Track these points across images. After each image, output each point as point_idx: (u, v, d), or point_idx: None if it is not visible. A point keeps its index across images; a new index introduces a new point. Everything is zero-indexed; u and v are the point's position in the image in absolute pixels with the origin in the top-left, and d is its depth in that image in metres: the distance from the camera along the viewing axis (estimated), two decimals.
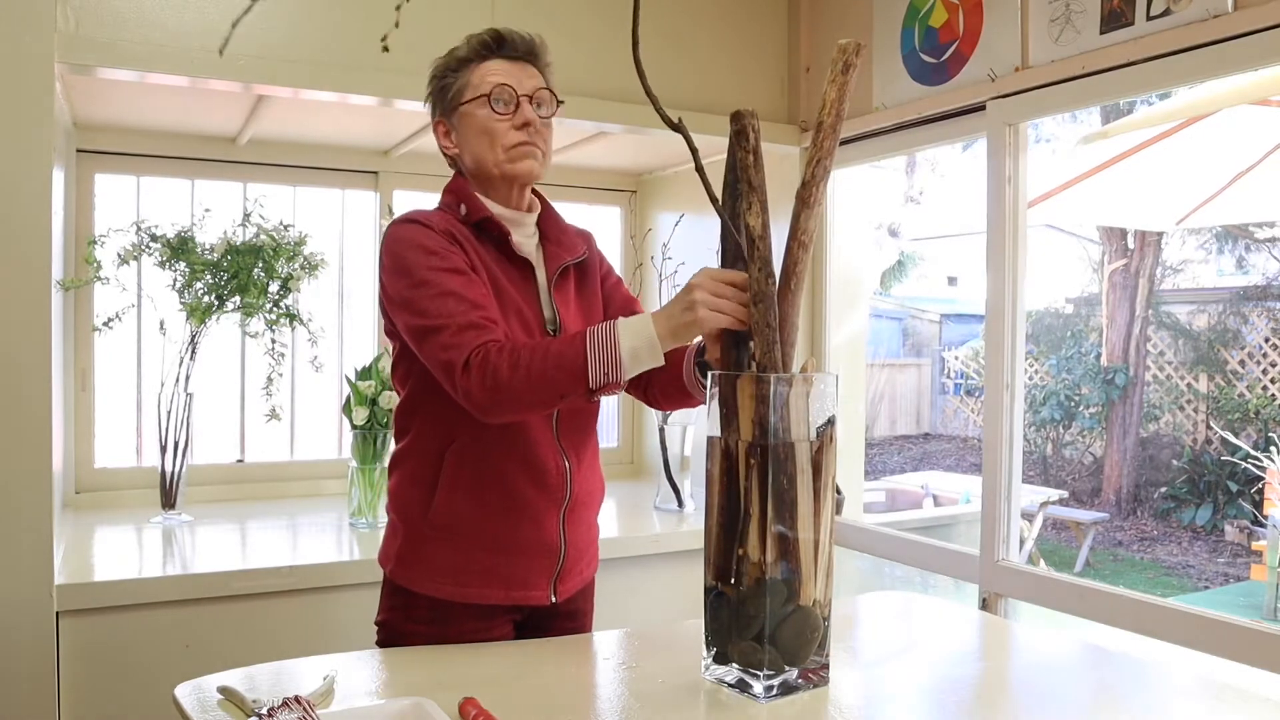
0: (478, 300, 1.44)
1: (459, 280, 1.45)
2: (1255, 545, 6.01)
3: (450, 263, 1.46)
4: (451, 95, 1.58)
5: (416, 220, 1.52)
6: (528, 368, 1.37)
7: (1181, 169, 3.91)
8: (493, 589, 1.53)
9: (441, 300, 1.43)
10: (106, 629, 1.89)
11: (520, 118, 1.55)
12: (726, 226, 1.36)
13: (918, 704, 1.32)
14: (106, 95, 2.24)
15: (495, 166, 1.56)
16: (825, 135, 1.33)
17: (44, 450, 1.83)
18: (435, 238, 1.48)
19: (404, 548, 1.56)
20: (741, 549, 1.27)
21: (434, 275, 1.45)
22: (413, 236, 1.49)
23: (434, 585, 1.53)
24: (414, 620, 1.54)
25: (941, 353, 12.96)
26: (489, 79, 1.56)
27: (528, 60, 1.61)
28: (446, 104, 1.60)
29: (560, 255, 1.64)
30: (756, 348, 1.31)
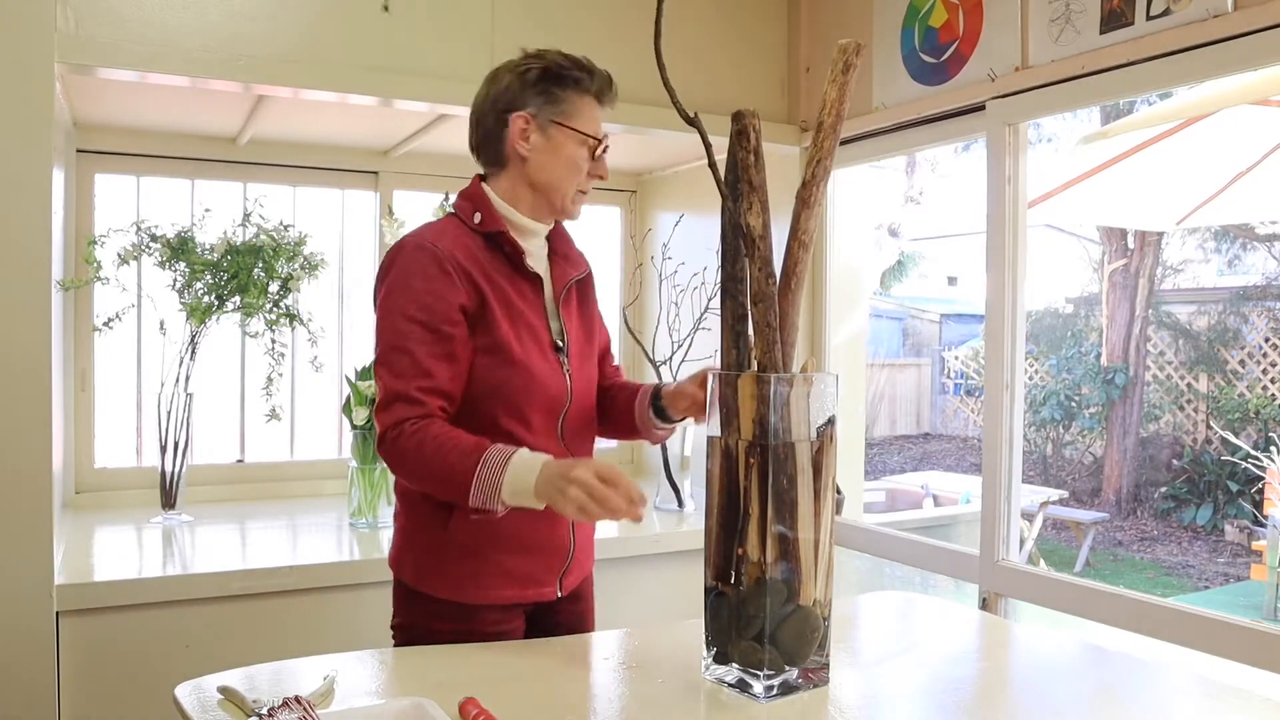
0: (429, 367, 1.47)
1: (424, 338, 1.48)
2: (1255, 545, 6.01)
3: (429, 313, 1.48)
4: (558, 109, 1.57)
5: (425, 247, 1.52)
6: (424, 466, 1.44)
7: (1181, 169, 3.91)
8: (510, 589, 1.58)
9: (392, 356, 1.48)
10: (106, 629, 1.89)
11: (602, 169, 1.62)
12: (726, 226, 1.36)
13: (918, 704, 1.32)
14: (106, 95, 2.24)
15: (560, 198, 1.60)
16: (825, 135, 1.33)
17: (44, 450, 1.83)
18: (434, 278, 1.49)
19: (423, 556, 1.58)
20: (741, 549, 1.27)
21: (406, 325, 1.48)
22: (400, 272, 1.51)
23: (456, 590, 1.56)
24: (439, 620, 1.56)
25: (941, 353, 12.96)
26: (596, 126, 1.60)
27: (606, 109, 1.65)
28: (547, 108, 1.56)
29: (568, 271, 1.67)
30: (756, 348, 1.31)
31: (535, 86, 1.56)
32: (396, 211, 2.84)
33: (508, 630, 1.59)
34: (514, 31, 2.33)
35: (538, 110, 1.56)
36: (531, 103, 1.56)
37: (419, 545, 1.59)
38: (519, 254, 1.57)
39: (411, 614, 1.60)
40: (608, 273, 3.35)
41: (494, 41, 2.31)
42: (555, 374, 1.59)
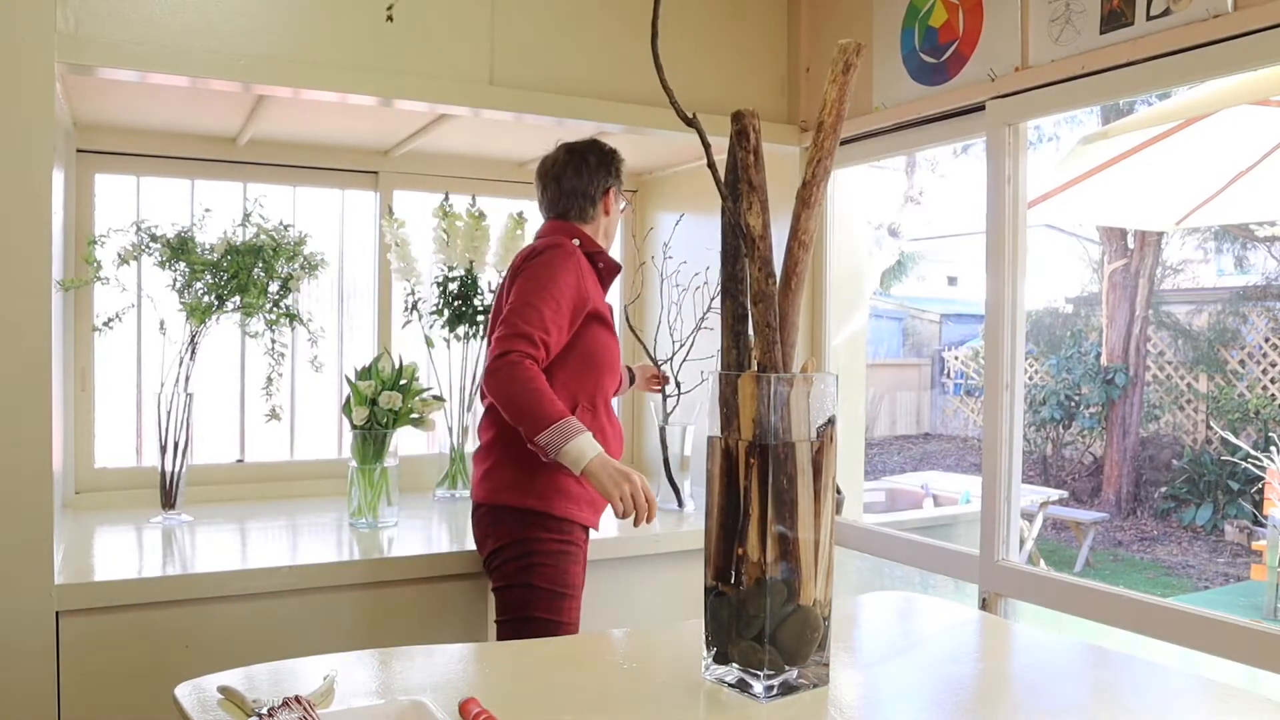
0: (549, 326, 1.98)
1: (554, 308, 1.99)
2: (1255, 545, 6.00)
3: (562, 293, 2.01)
4: (622, 185, 2.26)
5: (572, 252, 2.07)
6: (525, 394, 1.90)
7: (1181, 169, 3.91)
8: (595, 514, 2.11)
9: (529, 310, 1.97)
10: (106, 629, 1.89)
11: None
12: (726, 226, 1.36)
13: (918, 704, 1.32)
14: (106, 95, 2.24)
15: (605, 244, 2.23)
16: (826, 135, 1.33)
17: (44, 450, 1.83)
18: (566, 270, 2.02)
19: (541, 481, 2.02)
20: (741, 549, 1.27)
21: (544, 295, 1.99)
22: (552, 260, 2.03)
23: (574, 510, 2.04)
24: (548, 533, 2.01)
25: (941, 353, 12.96)
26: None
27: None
28: (620, 185, 2.24)
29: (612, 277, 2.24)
30: (757, 347, 1.31)
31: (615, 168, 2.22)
32: (396, 211, 2.84)
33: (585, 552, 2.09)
34: (514, 32, 2.33)
35: (618, 185, 2.24)
36: (615, 179, 2.23)
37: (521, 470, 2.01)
38: (613, 270, 2.18)
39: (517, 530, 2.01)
40: None
41: (494, 42, 2.31)
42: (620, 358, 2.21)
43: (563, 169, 2.19)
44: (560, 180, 2.19)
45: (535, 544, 2.00)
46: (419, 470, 2.86)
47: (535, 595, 1.98)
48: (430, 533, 2.45)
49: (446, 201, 2.77)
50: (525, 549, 2.00)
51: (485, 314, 2.78)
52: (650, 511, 1.92)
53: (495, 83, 2.31)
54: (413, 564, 2.16)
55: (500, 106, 2.29)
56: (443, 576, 2.17)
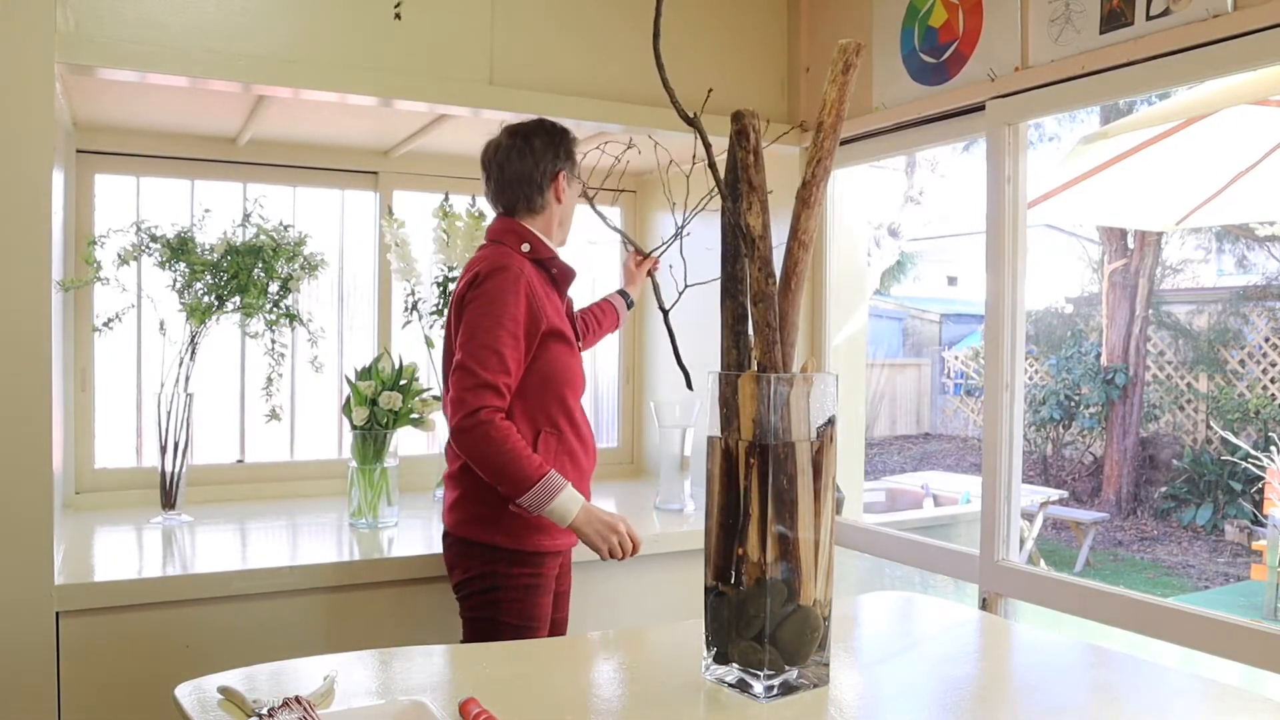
0: (510, 368, 1.87)
1: (510, 344, 1.87)
2: (1255, 545, 6.00)
3: (517, 325, 1.89)
4: (577, 169, 2.10)
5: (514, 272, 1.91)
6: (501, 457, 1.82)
7: (1181, 169, 3.91)
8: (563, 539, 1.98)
9: (487, 354, 1.86)
10: (106, 629, 1.89)
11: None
12: (726, 226, 1.36)
13: (918, 704, 1.32)
14: (106, 95, 2.24)
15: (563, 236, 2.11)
16: (825, 135, 1.33)
17: (44, 450, 1.83)
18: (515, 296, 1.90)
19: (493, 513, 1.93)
20: (742, 549, 1.27)
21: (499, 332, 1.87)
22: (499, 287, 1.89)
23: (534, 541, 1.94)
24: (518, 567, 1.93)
25: (941, 353, 12.96)
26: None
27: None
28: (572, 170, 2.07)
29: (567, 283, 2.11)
30: (757, 347, 1.31)
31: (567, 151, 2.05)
32: (396, 211, 2.84)
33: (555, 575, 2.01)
34: (513, 32, 2.33)
35: (570, 170, 2.07)
36: (567, 164, 2.05)
37: (487, 505, 1.92)
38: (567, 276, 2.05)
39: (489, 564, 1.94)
40: (608, 272, 3.35)
41: (493, 42, 2.31)
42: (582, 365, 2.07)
43: (505, 154, 2.01)
44: (504, 167, 2.01)
45: (504, 579, 1.94)
46: (419, 470, 2.86)
47: (500, 629, 1.93)
48: (430, 533, 2.45)
49: (446, 201, 2.77)
50: (492, 583, 1.94)
51: None
52: (635, 549, 1.95)
53: (495, 83, 2.31)
54: (413, 564, 2.15)
55: (500, 106, 2.29)
56: (443, 577, 2.17)
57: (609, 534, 1.89)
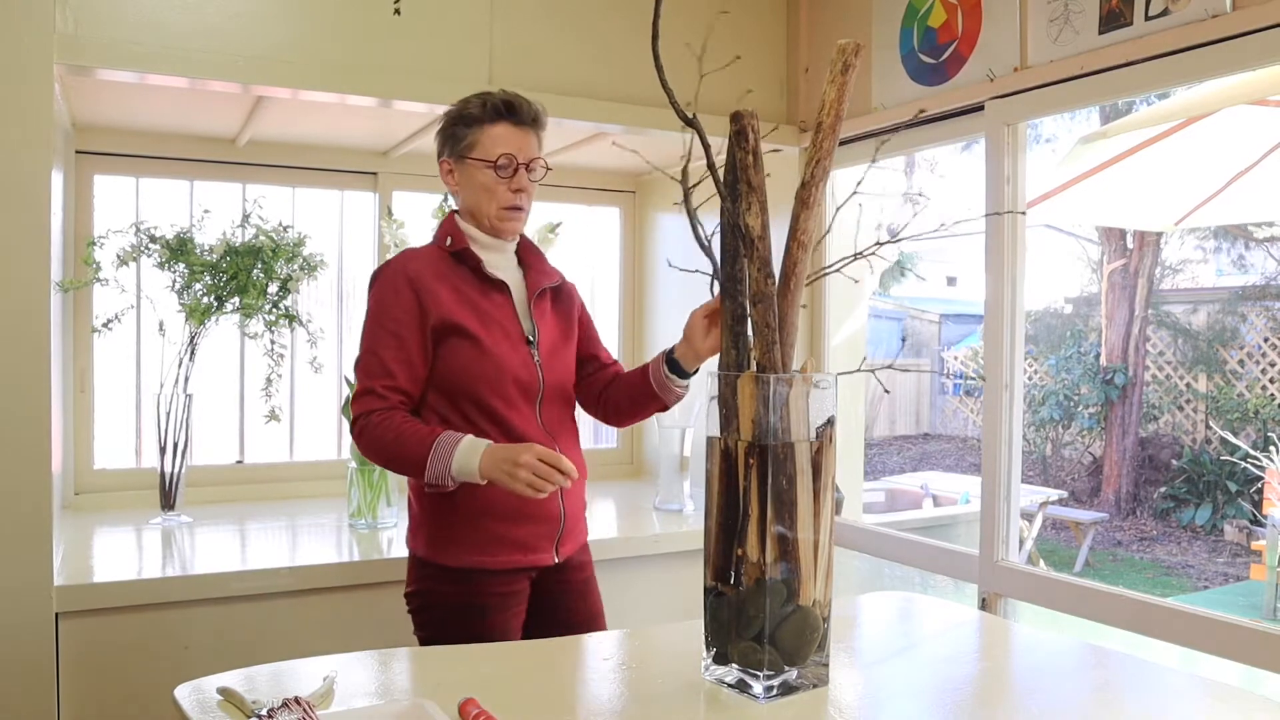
0: (392, 369, 1.75)
1: (389, 344, 1.76)
2: (1254, 545, 6.00)
3: (392, 323, 1.76)
4: (462, 146, 1.82)
5: (397, 270, 1.79)
6: (387, 450, 1.72)
7: (1180, 169, 3.91)
8: (511, 554, 1.78)
9: (366, 358, 1.77)
10: (106, 630, 1.88)
11: (516, 184, 1.82)
12: (726, 226, 1.36)
13: (918, 704, 1.32)
14: (106, 96, 2.24)
15: (487, 219, 1.84)
16: (825, 135, 1.33)
17: (43, 451, 1.83)
18: (394, 293, 1.77)
19: (433, 530, 1.80)
20: (741, 549, 1.27)
21: (377, 333, 1.77)
22: (378, 289, 1.79)
23: (457, 556, 1.77)
24: (447, 584, 1.78)
25: (941, 353, 12.96)
26: (497, 147, 1.80)
27: (531, 128, 1.85)
28: (455, 151, 1.83)
29: (540, 280, 1.90)
30: (756, 348, 1.31)
31: (445, 134, 1.85)
32: (395, 212, 2.84)
33: (512, 594, 1.80)
34: (513, 32, 2.33)
35: (450, 154, 1.85)
36: (445, 149, 1.86)
37: (429, 521, 1.80)
38: (478, 264, 1.82)
39: (423, 582, 1.81)
40: (608, 272, 3.35)
41: (493, 42, 2.31)
42: (526, 363, 1.82)
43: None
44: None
45: (436, 597, 1.79)
46: None
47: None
48: None
49: (446, 202, 2.77)
50: (427, 601, 1.81)
51: None
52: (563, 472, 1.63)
53: (495, 83, 2.31)
54: None
55: None
56: None
57: (515, 469, 1.62)
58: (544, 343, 1.86)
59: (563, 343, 1.92)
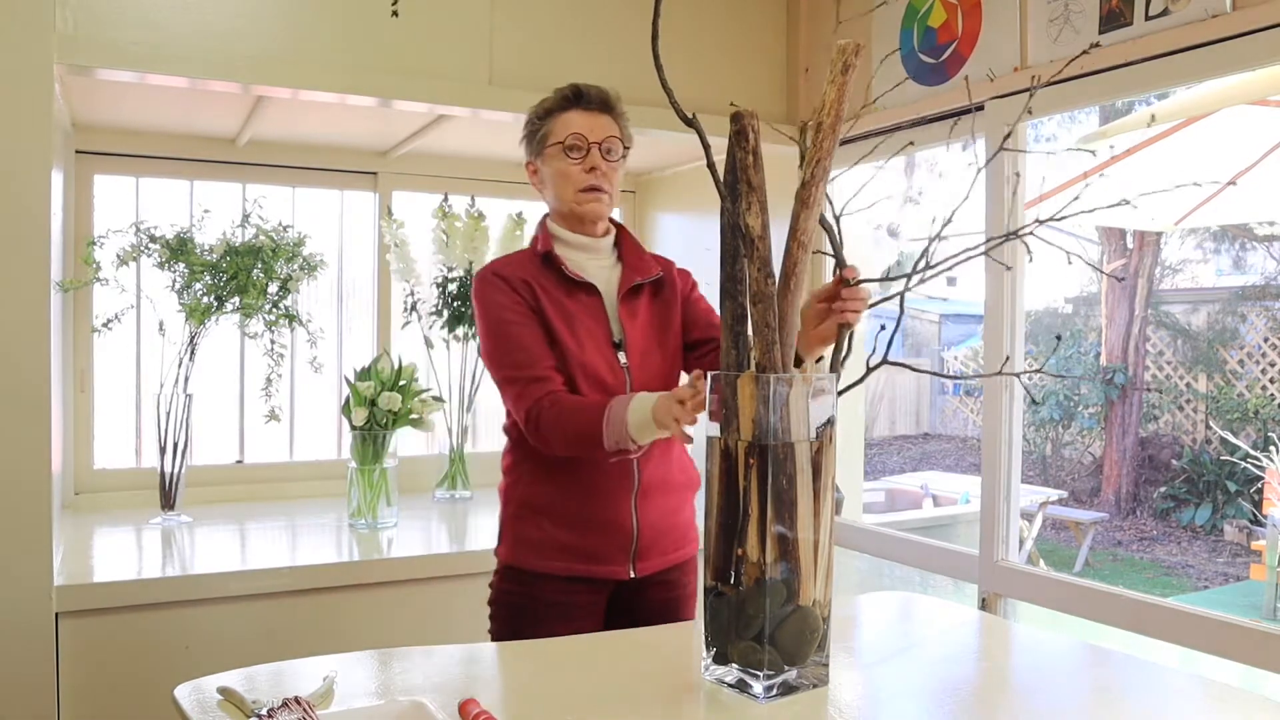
0: (540, 353, 1.72)
1: (526, 333, 1.73)
2: (1254, 545, 6.01)
3: (512, 313, 1.74)
4: (538, 140, 1.82)
5: (487, 274, 1.78)
6: (564, 431, 1.66)
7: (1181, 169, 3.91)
8: (572, 562, 1.75)
9: (510, 355, 1.73)
10: (106, 630, 1.88)
11: (589, 163, 1.78)
12: (726, 227, 1.36)
13: (918, 704, 1.32)
14: (106, 96, 2.24)
15: (567, 205, 1.80)
16: (825, 136, 1.33)
17: (43, 451, 1.83)
18: (497, 290, 1.76)
19: (503, 526, 1.83)
20: (741, 549, 1.27)
21: (508, 329, 1.73)
22: (485, 293, 1.77)
23: (523, 558, 1.77)
24: (508, 582, 1.80)
25: (941, 353, 12.96)
26: (568, 128, 1.79)
27: (602, 111, 1.82)
28: (535, 148, 1.83)
29: (631, 276, 1.84)
30: (756, 348, 1.31)
31: (526, 136, 1.86)
32: (395, 212, 2.84)
33: (574, 604, 1.76)
34: (513, 32, 2.33)
35: (532, 153, 1.85)
36: (528, 151, 1.85)
37: (504, 515, 1.83)
38: (560, 264, 1.79)
39: (494, 577, 1.83)
40: None
41: (493, 42, 2.31)
42: (613, 366, 1.77)
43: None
44: None
45: (498, 594, 1.81)
46: (418, 471, 2.86)
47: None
48: (429, 533, 2.45)
49: (446, 202, 2.77)
50: (495, 597, 1.82)
51: None
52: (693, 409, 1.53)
53: (495, 83, 2.31)
54: (412, 564, 2.16)
55: (500, 107, 2.29)
56: (442, 577, 2.17)
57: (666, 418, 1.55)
58: (634, 343, 1.79)
59: (659, 340, 1.84)
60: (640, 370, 1.79)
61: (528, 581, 1.76)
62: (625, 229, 1.90)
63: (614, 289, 1.82)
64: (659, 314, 1.86)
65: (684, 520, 1.85)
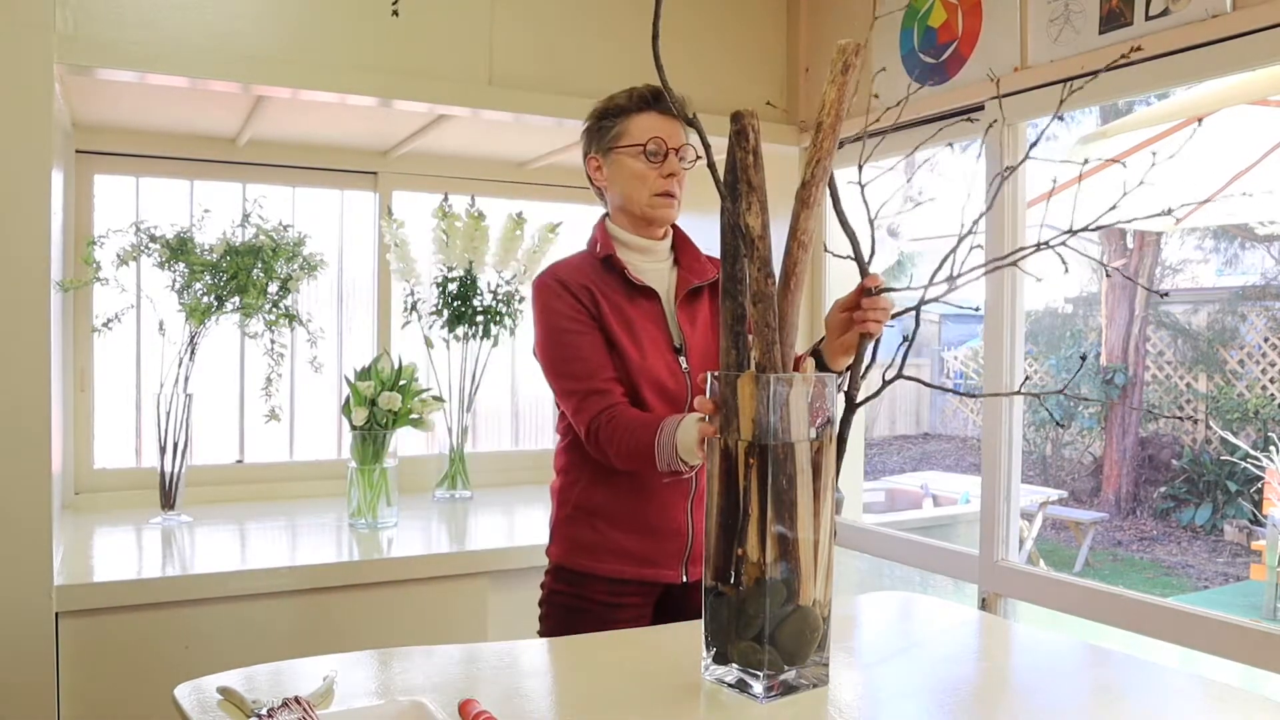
0: (599, 363, 1.70)
1: (586, 342, 1.70)
2: (1254, 545, 6.01)
3: (572, 322, 1.71)
4: (609, 138, 1.78)
5: (547, 280, 1.75)
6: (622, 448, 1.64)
7: (1181, 169, 3.91)
8: (624, 565, 1.75)
9: (569, 365, 1.71)
10: (106, 630, 1.89)
11: (668, 169, 1.76)
12: (726, 226, 1.36)
13: (917, 704, 1.32)
14: (106, 96, 2.24)
15: (639, 208, 1.77)
16: (825, 136, 1.33)
17: (43, 451, 1.83)
18: (557, 296, 1.73)
19: (555, 527, 1.82)
20: (741, 549, 1.27)
21: (566, 338, 1.71)
22: (545, 300, 1.74)
23: (575, 558, 1.77)
24: (559, 581, 1.79)
25: (941, 353, 12.96)
26: (647, 133, 1.75)
27: (677, 118, 1.76)
28: (602, 144, 1.79)
29: (688, 279, 1.82)
30: (756, 348, 1.31)
31: (591, 130, 1.81)
32: (395, 212, 2.84)
33: (624, 605, 1.75)
34: (513, 32, 2.33)
35: (597, 148, 1.80)
36: (592, 145, 1.81)
37: (558, 516, 1.81)
38: (623, 268, 1.76)
39: (545, 575, 1.83)
40: None
41: (493, 42, 2.31)
42: (674, 372, 1.76)
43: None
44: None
45: (549, 595, 1.82)
46: (418, 471, 2.86)
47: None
48: (430, 533, 2.45)
49: (446, 202, 2.77)
50: (546, 596, 1.83)
51: (484, 315, 2.78)
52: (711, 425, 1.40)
53: (494, 83, 2.31)
54: (412, 564, 2.16)
55: (499, 107, 2.30)
56: (442, 577, 2.17)
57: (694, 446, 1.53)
58: (694, 348, 1.78)
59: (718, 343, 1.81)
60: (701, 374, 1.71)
61: (579, 582, 1.77)
62: (681, 230, 1.88)
63: (672, 292, 1.81)
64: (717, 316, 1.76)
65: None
